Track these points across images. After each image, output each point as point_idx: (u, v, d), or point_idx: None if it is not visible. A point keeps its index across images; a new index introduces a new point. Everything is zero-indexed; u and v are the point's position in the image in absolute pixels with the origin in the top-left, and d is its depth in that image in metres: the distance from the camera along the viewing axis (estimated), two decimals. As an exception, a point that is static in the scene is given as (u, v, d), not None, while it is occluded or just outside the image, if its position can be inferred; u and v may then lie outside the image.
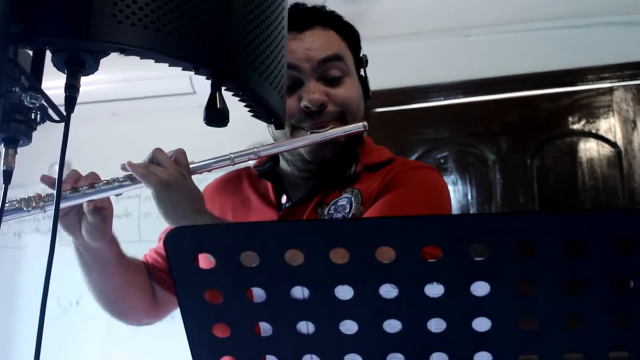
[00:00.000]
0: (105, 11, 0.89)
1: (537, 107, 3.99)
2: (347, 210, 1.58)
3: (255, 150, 1.51)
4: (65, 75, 0.97)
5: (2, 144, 1.00)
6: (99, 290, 1.69)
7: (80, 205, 1.50)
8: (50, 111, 1.01)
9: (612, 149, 3.84)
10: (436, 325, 0.81)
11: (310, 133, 1.58)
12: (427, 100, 4.14)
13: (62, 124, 1.01)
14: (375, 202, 1.57)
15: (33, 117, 1.01)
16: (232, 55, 0.98)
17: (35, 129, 1.02)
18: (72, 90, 0.99)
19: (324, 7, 1.71)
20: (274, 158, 1.78)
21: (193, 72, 0.97)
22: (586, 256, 0.76)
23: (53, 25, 0.88)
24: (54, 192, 1.43)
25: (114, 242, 1.62)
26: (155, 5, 0.90)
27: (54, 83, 1.04)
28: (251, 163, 1.71)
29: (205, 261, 0.81)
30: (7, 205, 1.42)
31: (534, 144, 3.95)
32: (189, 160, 1.48)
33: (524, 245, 0.78)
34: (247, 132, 2.56)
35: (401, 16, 4.03)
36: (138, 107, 4.30)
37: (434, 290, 0.79)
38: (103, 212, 1.52)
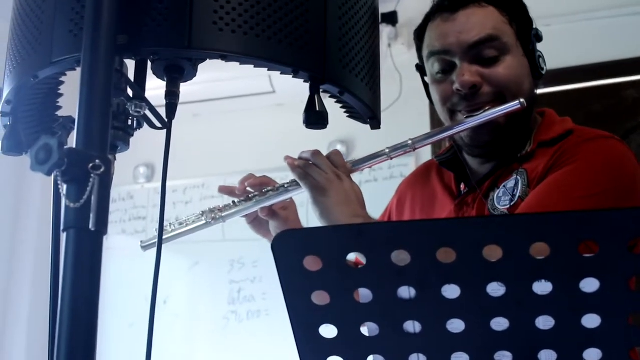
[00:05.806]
0: (206, 19, 0.91)
1: (621, 95, 3.90)
2: (514, 192, 1.50)
3: (410, 142, 1.48)
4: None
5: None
6: None
7: (265, 209, 1.57)
8: (152, 117, 1.04)
9: (702, 136, 3.73)
10: (544, 322, 0.81)
11: (466, 117, 1.52)
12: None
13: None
14: (541, 182, 1.47)
15: (130, 123, 1.03)
16: (329, 57, 0.99)
17: (133, 135, 1.05)
18: (172, 97, 1.02)
19: None
20: (456, 145, 1.69)
21: (291, 76, 0.98)
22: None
23: (157, 36, 0.91)
24: (231, 202, 1.54)
25: None
26: (254, 12, 0.92)
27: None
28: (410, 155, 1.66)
29: (313, 263, 0.82)
30: (193, 218, 1.54)
31: (619, 132, 3.85)
32: (346, 159, 1.49)
33: (634, 241, 0.77)
34: (327, 128, 2.57)
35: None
36: (218, 108, 4.34)
37: (542, 287, 0.79)
38: (283, 213, 1.60)
